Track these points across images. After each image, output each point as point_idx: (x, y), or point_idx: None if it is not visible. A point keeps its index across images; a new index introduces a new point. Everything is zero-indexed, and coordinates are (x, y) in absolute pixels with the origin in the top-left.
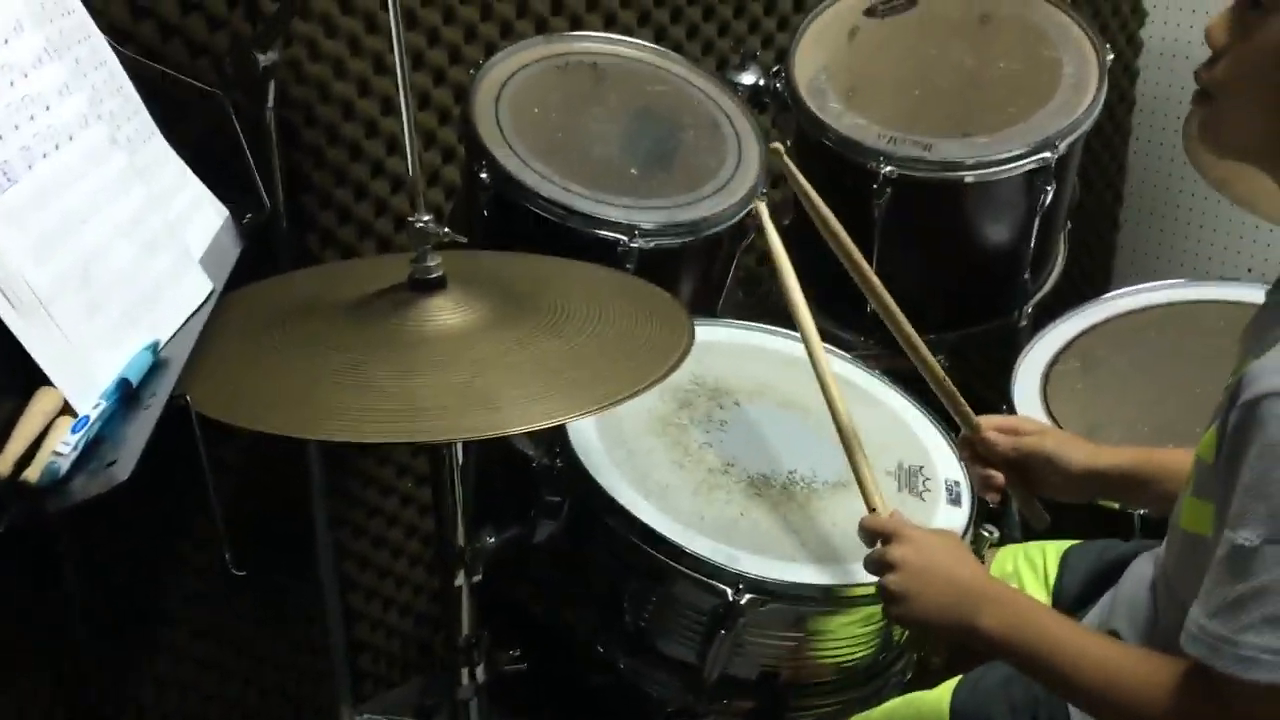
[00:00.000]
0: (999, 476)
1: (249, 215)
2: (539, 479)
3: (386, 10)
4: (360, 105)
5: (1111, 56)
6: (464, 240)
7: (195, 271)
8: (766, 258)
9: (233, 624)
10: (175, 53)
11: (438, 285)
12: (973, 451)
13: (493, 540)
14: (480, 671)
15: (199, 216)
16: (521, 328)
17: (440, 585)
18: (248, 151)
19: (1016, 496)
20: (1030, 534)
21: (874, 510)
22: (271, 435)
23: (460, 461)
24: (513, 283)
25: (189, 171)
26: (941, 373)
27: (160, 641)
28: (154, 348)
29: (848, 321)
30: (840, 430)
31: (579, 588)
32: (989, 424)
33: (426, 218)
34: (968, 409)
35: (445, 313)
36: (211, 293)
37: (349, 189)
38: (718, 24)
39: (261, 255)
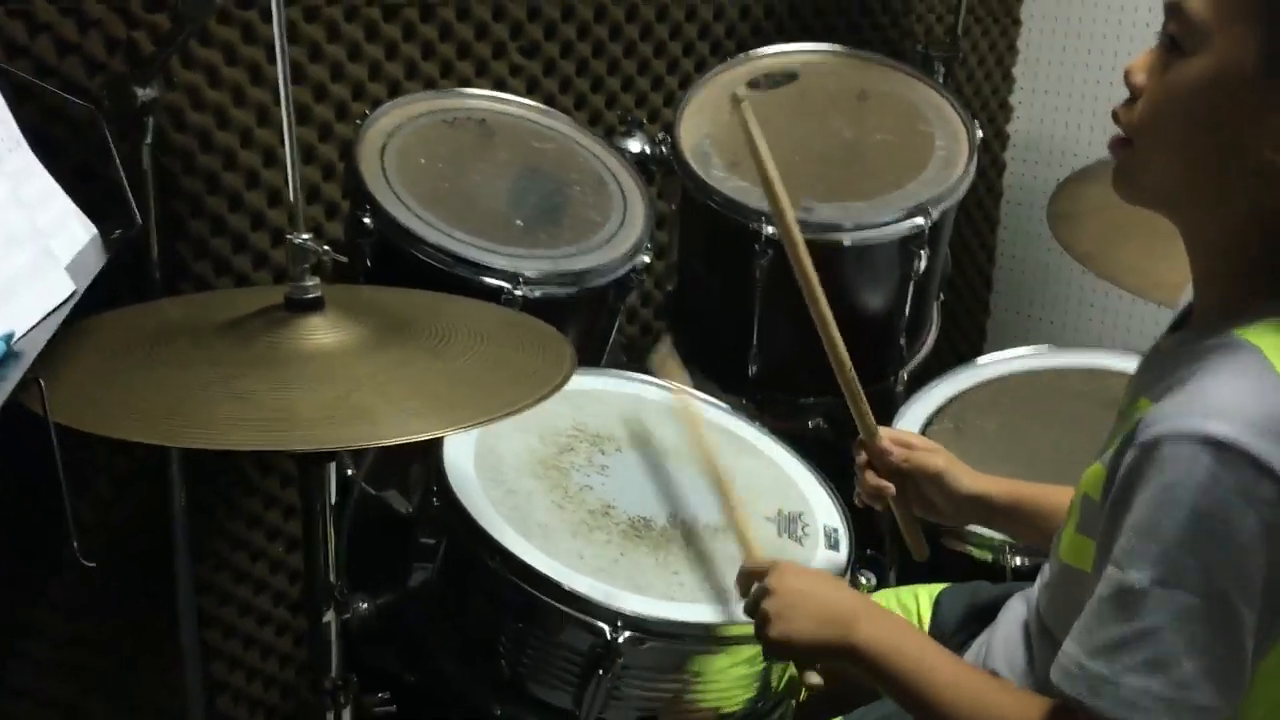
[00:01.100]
0: (888, 486)
1: (118, 231)
2: (414, 520)
3: (273, 62)
4: (243, 156)
5: (980, 135)
6: (344, 259)
7: (57, 271)
8: (659, 314)
9: (86, 658)
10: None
11: (315, 305)
12: (866, 459)
13: (366, 606)
14: (347, 716)
15: (65, 232)
16: (400, 350)
17: (308, 623)
18: (120, 168)
19: (902, 522)
20: (905, 581)
21: (749, 556)
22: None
23: (334, 491)
24: (393, 310)
25: (56, 186)
26: (852, 373)
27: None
28: (8, 338)
29: (729, 384)
30: (719, 483)
31: (452, 634)
32: (886, 434)
33: (305, 236)
34: (870, 415)
35: (322, 332)
36: (73, 294)
37: (227, 238)
38: (605, 95)
39: (135, 289)
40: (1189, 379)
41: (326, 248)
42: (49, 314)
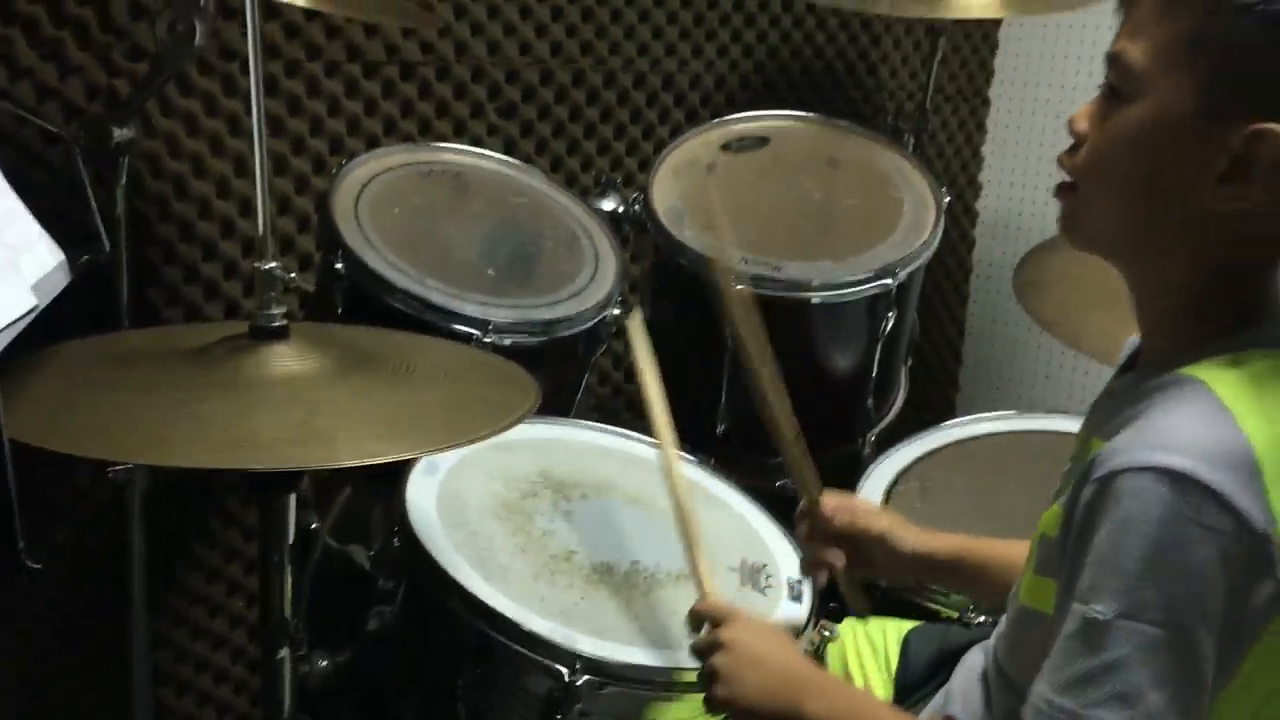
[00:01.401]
0: (831, 555)
1: (85, 257)
2: (375, 562)
3: (249, 114)
4: (218, 205)
5: (948, 200)
6: (309, 288)
7: (20, 286)
8: (630, 375)
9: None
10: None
11: (279, 334)
12: (810, 526)
13: (326, 664)
14: None
15: (31, 252)
16: (364, 380)
17: (262, 660)
18: (91, 195)
19: (842, 580)
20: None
21: (705, 596)
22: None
23: (293, 526)
24: (360, 343)
25: (25, 210)
26: (795, 441)
27: None
28: None
29: (697, 442)
30: (681, 520)
31: (411, 680)
32: (828, 500)
33: (273, 264)
34: (814, 481)
35: (286, 359)
36: (34, 308)
37: (199, 285)
38: (581, 158)
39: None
40: (1141, 416)
41: (293, 275)
42: (8, 325)
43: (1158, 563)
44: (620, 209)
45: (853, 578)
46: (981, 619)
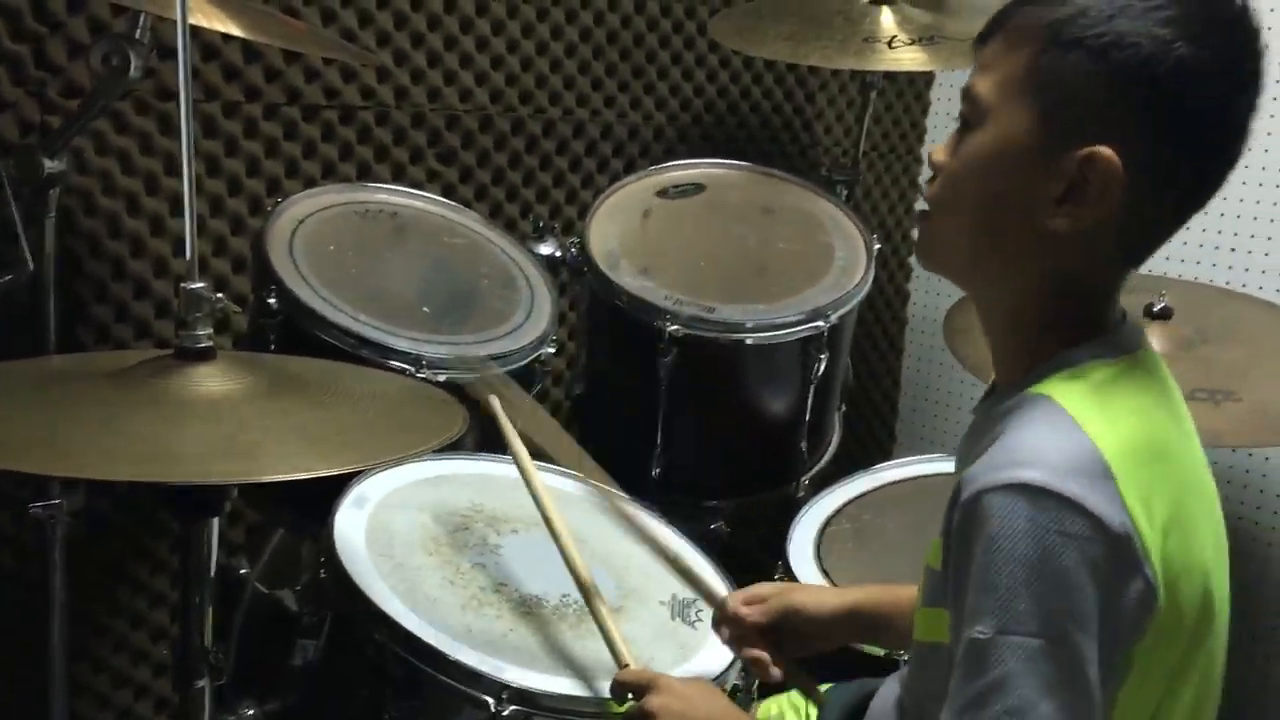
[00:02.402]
0: (759, 654)
1: (8, 276)
2: (301, 597)
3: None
4: (151, 244)
5: (879, 246)
6: (238, 310)
7: None
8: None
9: None
10: None
11: (205, 355)
12: (729, 634)
13: (252, 713)
14: None
15: None
16: (291, 400)
17: (178, 688)
18: (15, 215)
19: (791, 680)
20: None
21: (625, 666)
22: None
23: (214, 552)
24: (289, 368)
25: None
26: (675, 555)
27: None
28: None
29: (632, 486)
30: (581, 588)
31: (337, 713)
32: (734, 600)
33: (200, 284)
34: (712, 592)
35: (211, 380)
36: None
37: (129, 324)
38: (520, 205)
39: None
40: (996, 439)
41: (220, 295)
42: None
43: (1027, 575)
44: (558, 253)
45: (794, 669)
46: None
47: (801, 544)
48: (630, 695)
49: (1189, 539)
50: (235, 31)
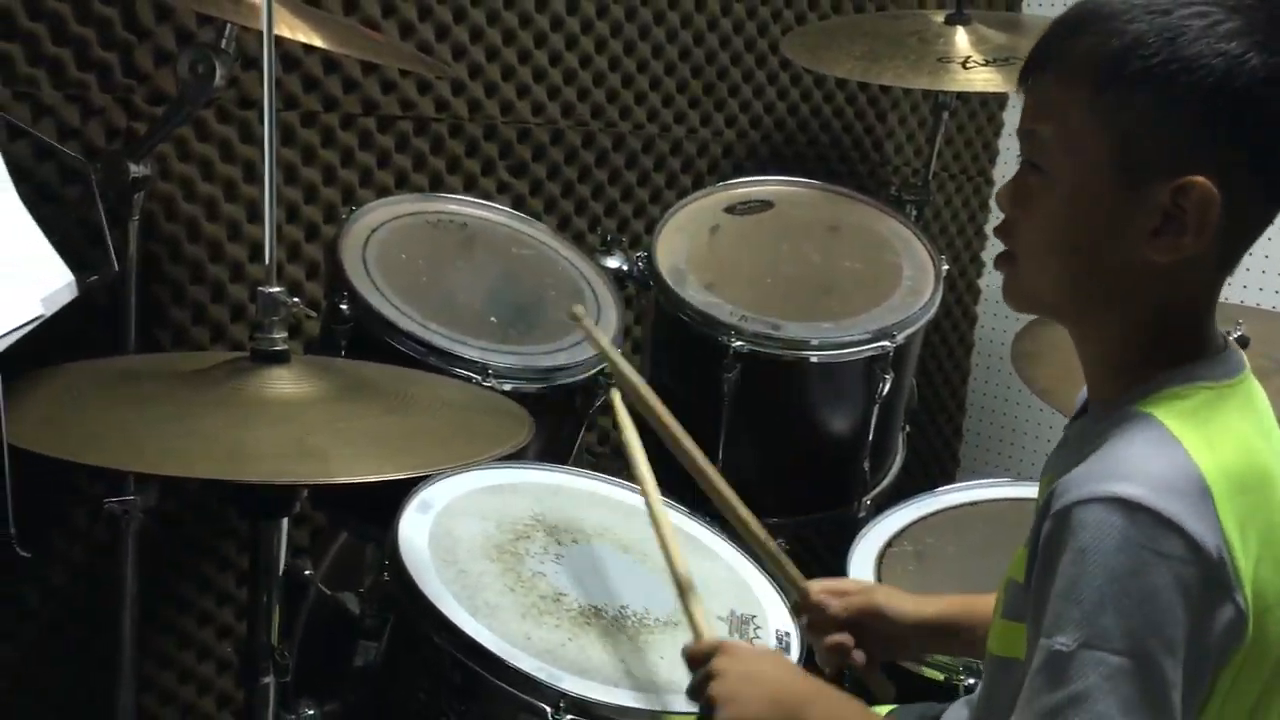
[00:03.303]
0: (842, 639)
1: (94, 276)
2: (364, 598)
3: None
4: (229, 248)
5: (947, 267)
6: (312, 314)
7: (29, 296)
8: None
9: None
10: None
11: (280, 358)
12: (809, 621)
13: (312, 713)
14: None
15: (42, 268)
16: (360, 404)
17: (244, 684)
18: (103, 215)
19: (858, 669)
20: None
21: (698, 633)
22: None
23: (283, 551)
24: (360, 373)
25: (37, 229)
26: (767, 540)
27: None
28: None
29: (692, 502)
30: (675, 573)
31: (395, 716)
32: (816, 588)
33: (278, 288)
34: (795, 574)
35: (285, 383)
36: (39, 317)
37: (206, 327)
38: (589, 218)
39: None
40: (1093, 452)
41: (296, 299)
42: (14, 329)
43: (1116, 591)
44: (625, 267)
45: (870, 664)
46: (971, 680)
47: (862, 565)
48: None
49: None
50: (318, 43)
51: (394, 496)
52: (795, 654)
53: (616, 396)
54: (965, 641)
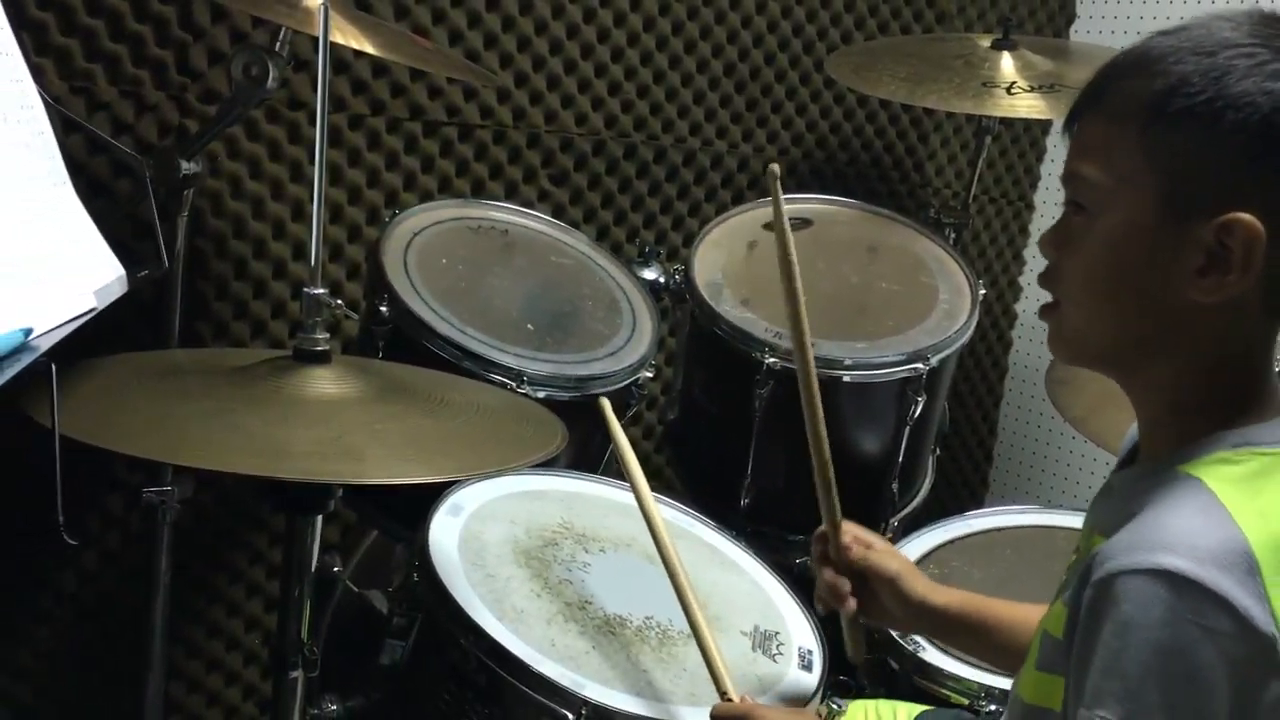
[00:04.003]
0: (842, 581)
1: (145, 271)
2: (393, 598)
3: (313, 162)
4: (273, 246)
5: (984, 291)
6: (353, 316)
7: (83, 290)
8: (659, 446)
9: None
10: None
11: (321, 358)
12: (823, 551)
13: (335, 708)
14: None
15: (96, 262)
16: (398, 406)
17: (273, 676)
18: (155, 213)
19: (845, 619)
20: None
21: (725, 695)
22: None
23: (317, 547)
24: (399, 375)
25: (92, 224)
26: (829, 470)
27: None
28: (26, 332)
29: (720, 515)
30: (690, 616)
31: (419, 715)
32: (848, 528)
33: (321, 290)
34: (837, 506)
35: (325, 382)
36: (92, 309)
37: (246, 322)
38: (627, 228)
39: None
40: (1140, 514)
41: (339, 302)
42: (68, 321)
43: (1159, 666)
44: (661, 279)
45: (854, 619)
46: (993, 707)
47: None
48: None
49: None
50: (369, 49)
51: (425, 498)
52: (818, 671)
53: (607, 407)
54: (966, 637)
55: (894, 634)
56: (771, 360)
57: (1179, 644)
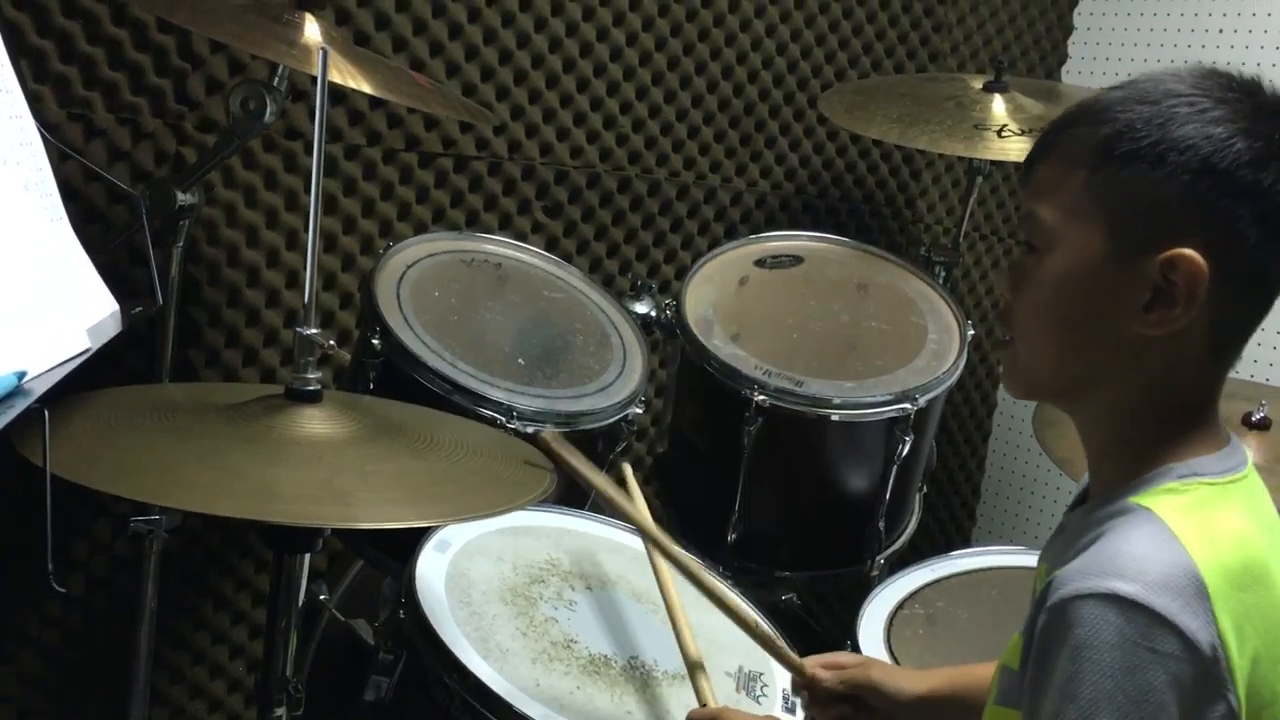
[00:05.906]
0: (843, 711)
1: (139, 308)
2: (378, 633)
3: (309, 191)
4: (266, 274)
5: (972, 332)
6: (347, 356)
7: (76, 329)
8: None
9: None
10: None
11: (313, 398)
12: (810, 697)
13: None
14: None
15: (90, 300)
16: (388, 447)
17: (258, 713)
18: (151, 248)
19: None
20: None
21: (704, 704)
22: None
23: (304, 585)
24: (389, 414)
25: (88, 260)
26: (760, 626)
27: None
28: (20, 375)
29: (707, 550)
30: (678, 632)
31: None
32: (813, 664)
33: (314, 330)
34: (791, 656)
35: (316, 422)
36: (86, 350)
37: (238, 350)
38: (620, 261)
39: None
40: (1090, 544)
41: (331, 343)
42: (61, 363)
43: (1111, 688)
44: (653, 313)
45: None
46: None
47: (872, 625)
48: None
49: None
50: (368, 89)
51: (413, 532)
52: (800, 714)
53: (629, 472)
54: (963, 712)
55: None
56: (761, 398)
57: (1129, 666)
